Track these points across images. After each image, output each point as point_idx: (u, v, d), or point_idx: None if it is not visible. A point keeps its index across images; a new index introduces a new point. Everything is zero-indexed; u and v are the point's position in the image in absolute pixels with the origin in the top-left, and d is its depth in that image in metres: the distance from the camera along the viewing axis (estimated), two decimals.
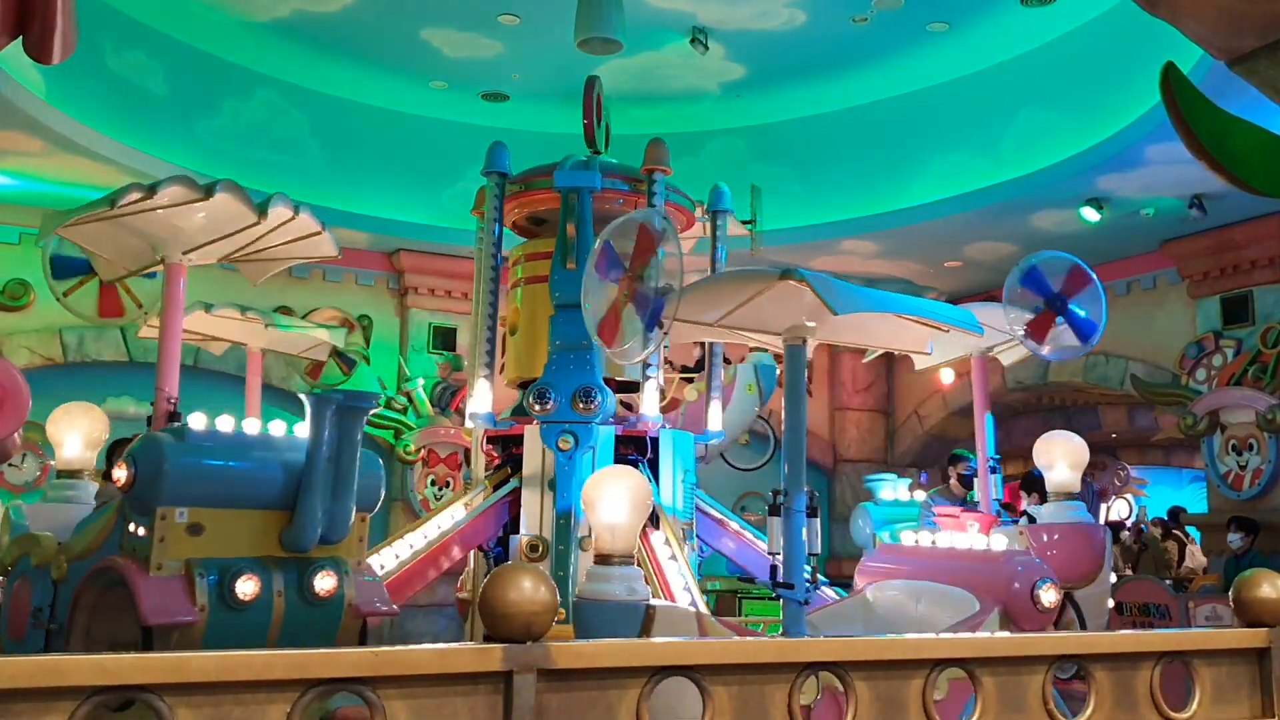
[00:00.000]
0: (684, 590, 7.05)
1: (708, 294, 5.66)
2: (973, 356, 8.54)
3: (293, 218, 7.26)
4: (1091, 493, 17.03)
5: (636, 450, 7.83)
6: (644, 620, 5.14)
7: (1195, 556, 13.45)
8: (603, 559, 5.44)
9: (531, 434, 7.78)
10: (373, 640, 5.04)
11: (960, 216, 12.92)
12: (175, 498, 4.51)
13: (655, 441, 7.89)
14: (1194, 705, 3.53)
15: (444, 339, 14.52)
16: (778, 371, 11.20)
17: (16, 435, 4.07)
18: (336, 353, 11.57)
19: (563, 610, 4.68)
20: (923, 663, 3.20)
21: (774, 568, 5.45)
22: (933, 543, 6.48)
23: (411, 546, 7.79)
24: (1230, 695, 3.59)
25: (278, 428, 5.09)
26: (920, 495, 10.03)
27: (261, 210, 7.06)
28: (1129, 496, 18.07)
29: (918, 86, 12.89)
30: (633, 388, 8.70)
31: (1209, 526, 13.19)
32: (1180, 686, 3.59)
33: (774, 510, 5.43)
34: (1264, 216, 12.18)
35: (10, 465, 12.19)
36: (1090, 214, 12.28)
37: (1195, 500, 17.92)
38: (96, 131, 11.15)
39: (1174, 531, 13.64)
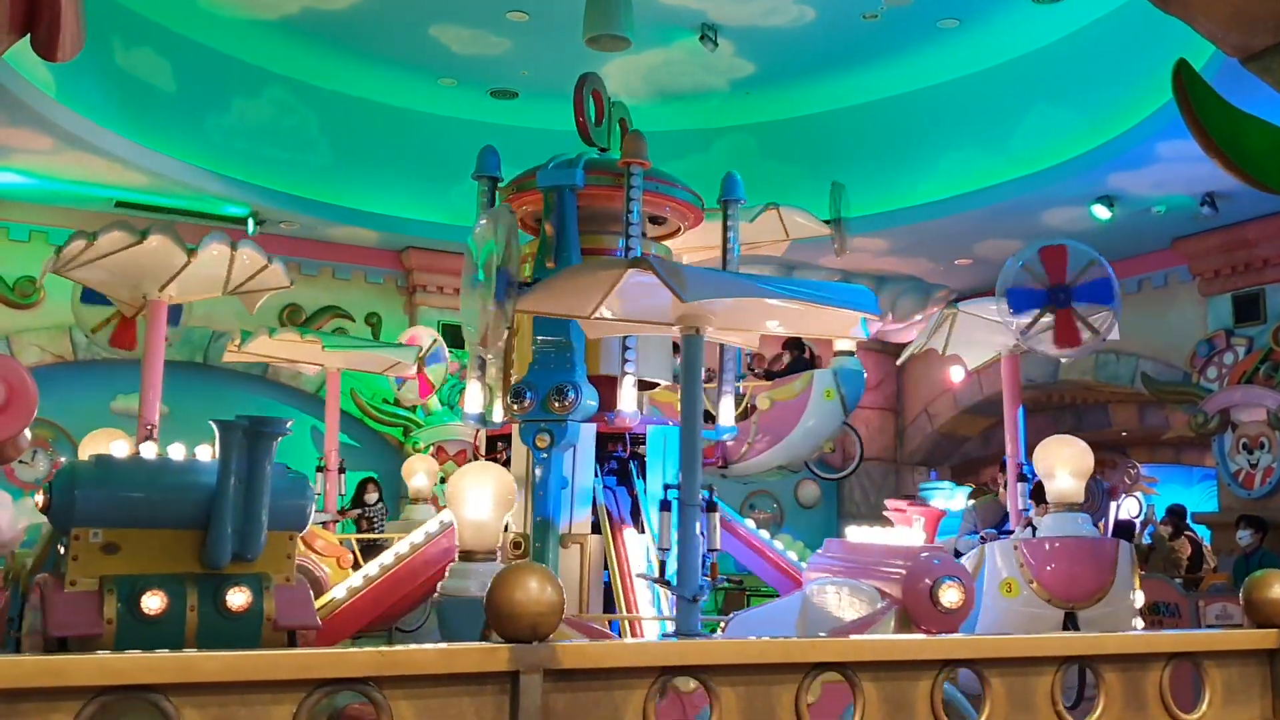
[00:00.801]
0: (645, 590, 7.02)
1: (565, 288, 5.56)
2: (1002, 355, 8.53)
3: (231, 254, 7.71)
4: (1102, 491, 16.98)
5: (623, 447, 7.79)
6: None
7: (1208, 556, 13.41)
8: (465, 555, 5.70)
9: (518, 433, 7.82)
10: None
11: (971, 214, 12.90)
12: (88, 520, 4.82)
13: (640, 438, 7.80)
14: (1204, 706, 3.50)
15: (452, 336, 14.51)
16: (865, 376, 10.88)
17: (26, 433, 4.08)
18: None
19: None
20: (931, 663, 3.19)
21: (662, 563, 5.51)
22: (877, 539, 6.37)
23: (380, 565, 7.78)
24: (1241, 696, 3.57)
25: (202, 452, 5.39)
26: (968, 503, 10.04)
27: (191, 251, 7.64)
28: (1139, 495, 18.00)
29: (928, 83, 12.86)
30: (648, 386, 8.65)
31: (1219, 525, 13.15)
32: (1190, 687, 3.57)
33: (664, 505, 5.49)
34: (1276, 214, 12.14)
35: (21, 462, 12.22)
36: (1101, 212, 12.25)
37: (1206, 499, 17.86)
38: (106, 129, 11.18)
39: (1186, 531, 13.58)
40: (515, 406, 7.74)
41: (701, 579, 5.30)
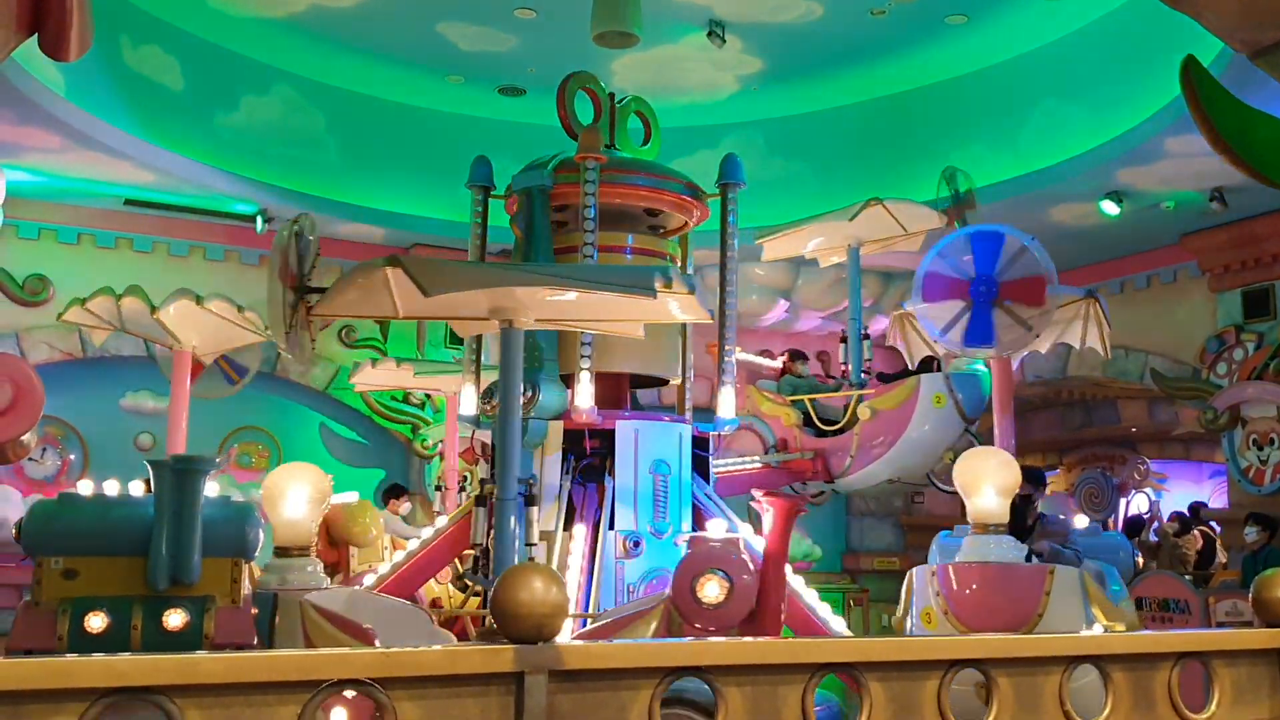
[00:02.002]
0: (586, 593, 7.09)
1: (349, 290, 5.52)
2: (993, 358, 8.40)
3: (198, 306, 8.58)
4: (1111, 487, 16.97)
5: (600, 444, 7.80)
6: (270, 608, 5.69)
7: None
8: (282, 551, 6.06)
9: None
10: None
11: (979, 210, 12.85)
12: (49, 549, 5.58)
13: (611, 435, 7.79)
14: (1213, 706, 3.49)
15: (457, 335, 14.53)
16: (987, 378, 9.88)
17: (31, 433, 4.09)
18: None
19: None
20: (937, 663, 3.18)
21: (476, 558, 5.63)
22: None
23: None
24: (1250, 696, 3.56)
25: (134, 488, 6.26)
26: None
27: (155, 308, 8.67)
28: (1148, 491, 17.96)
29: (936, 79, 12.83)
30: (658, 382, 8.64)
31: (1229, 522, 13.11)
32: (1199, 687, 3.55)
33: (479, 500, 5.58)
34: None
35: (31, 460, 12.25)
36: (1110, 207, 12.20)
37: (1216, 495, 17.81)
38: (115, 127, 11.19)
39: (1199, 527, 13.53)
40: (485, 406, 7.92)
41: None
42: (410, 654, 2.75)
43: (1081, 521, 9.49)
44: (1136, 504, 17.65)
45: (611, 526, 7.38)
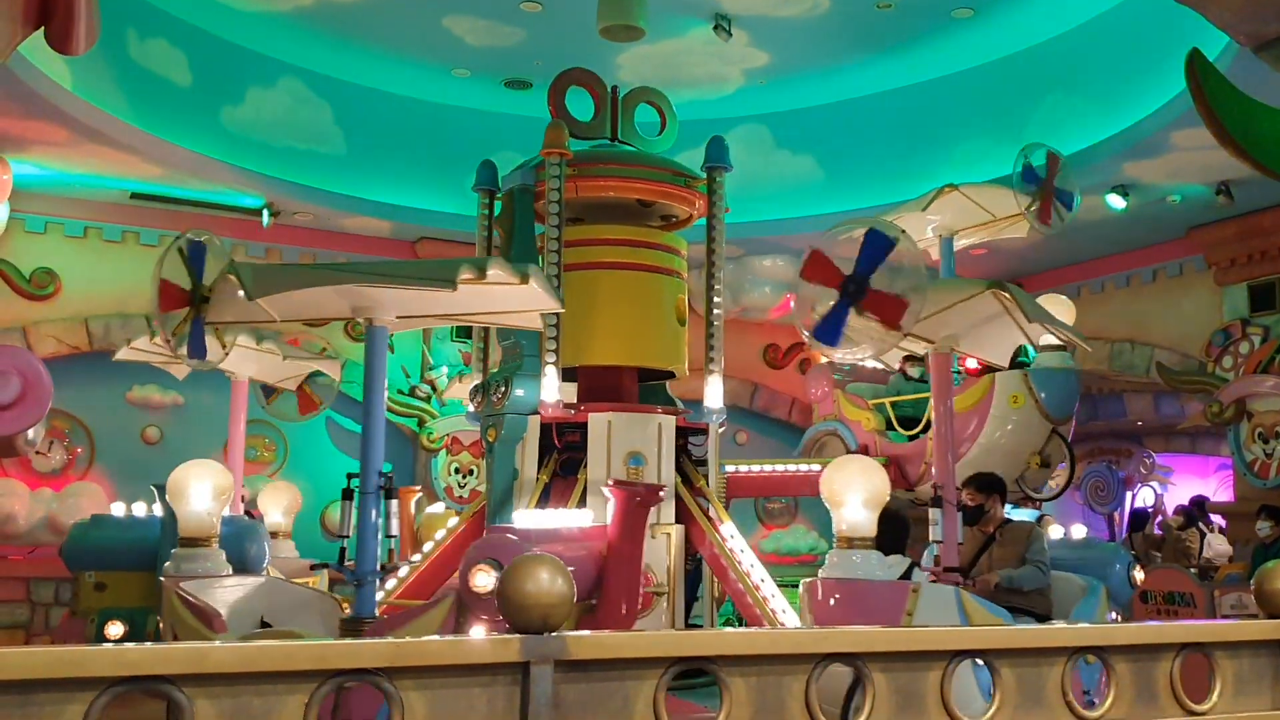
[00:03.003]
0: None
1: (226, 298, 5.90)
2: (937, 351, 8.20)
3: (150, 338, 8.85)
4: (1117, 480, 16.95)
5: (579, 437, 7.86)
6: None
7: (1213, 546, 13.35)
8: (188, 542, 6.35)
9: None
10: None
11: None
12: (82, 565, 6.48)
13: (581, 427, 7.83)
14: (1215, 697, 3.50)
15: (467, 329, 14.53)
16: (1074, 376, 9.28)
17: (38, 426, 4.11)
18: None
19: None
20: (941, 654, 3.19)
21: (342, 550, 5.80)
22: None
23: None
24: (1252, 687, 3.57)
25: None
26: None
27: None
28: (1154, 485, 17.95)
29: (942, 73, 12.81)
30: (665, 375, 8.66)
31: (1235, 515, 13.10)
32: (1201, 678, 3.56)
33: (346, 494, 5.76)
34: None
35: (38, 453, 12.29)
36: (1116, 201, 12.19)
37: (1222, 488, 17.79)
38: (121, 121, 11.21)
39: (1197, 521, 13.53)
40: (471, 405, 8.10)
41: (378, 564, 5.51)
42: (418, 644, 2.77)
43: (1079, 532, 9.05)
44: (1142, 497, 17.64)
45: None
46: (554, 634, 2.81)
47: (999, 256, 14.72)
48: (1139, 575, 7.22)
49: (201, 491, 6.43)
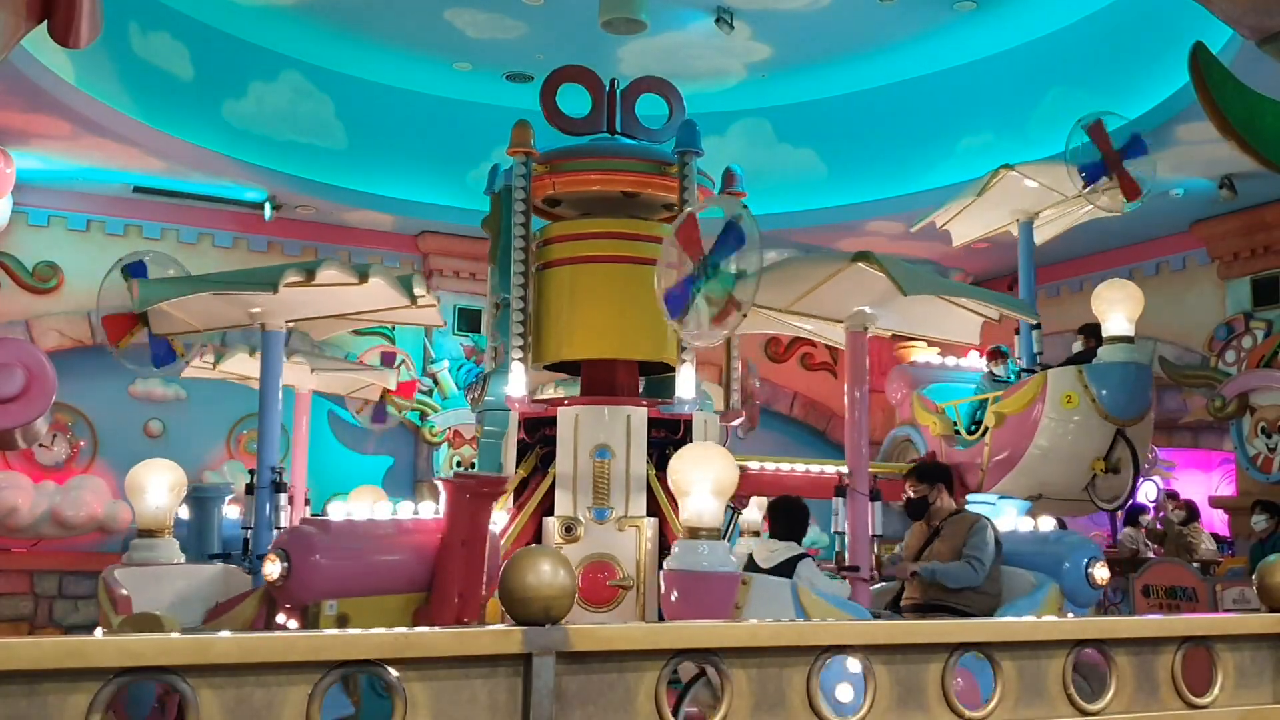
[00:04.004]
0: None
1: (160, 311, 6.43)
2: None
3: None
4: None
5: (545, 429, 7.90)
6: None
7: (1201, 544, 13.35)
8: (145, 533, 6.71)
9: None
10: None
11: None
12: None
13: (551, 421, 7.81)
14: (1216, 690, 3.51)
15: (469, 321, 14.53)
16: (1137, 371, 8.36)
17: (42, 419, 4.11)
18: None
19: None
20: (942, 646, 3.20)
21: (245, 540, 6.19)
22: None
23: None
24: (1253, 681, 3.57)
25: None
26: None
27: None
28: (1156, 479, 17.95)
29: (945, 66, 12.79)
30: (663, 368, 8.64)
31: (1237, 509, 13.10)
32: (1202, 672, 3.57)
33: (249, 489, 6.13)
34: None
35: (40, 446, 12.31)
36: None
37: (1224, 483, 17.79)
38: (124, 114, 11.22)
39: (1199, 517, 13.54)
40: (470, 396, 8.23)
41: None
42: (419, 635, 2.78)
43: (1046, 524, 8.86)
44: (1144, 491, 17.65)
45: (551, 512, 7.44)
46: (555, 625, 2.81)
47: (1004, 250, 14.71)
48: (1100, 573, 6.63)
49: (158, 487, 6.81)
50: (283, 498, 6.30)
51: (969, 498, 9.36)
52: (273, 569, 5.08)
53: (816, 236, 14.29)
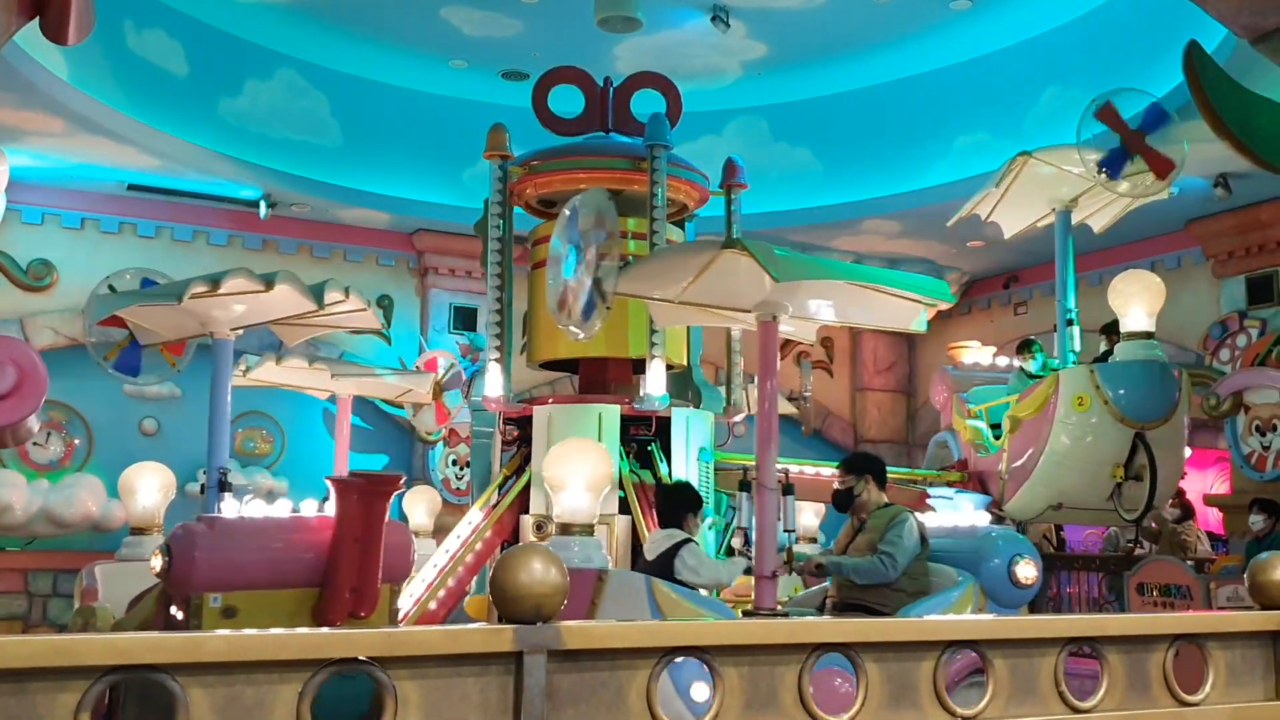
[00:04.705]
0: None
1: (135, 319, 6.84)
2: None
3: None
4: None
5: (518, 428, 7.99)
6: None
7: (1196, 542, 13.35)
8: (136, 530, 7.05)
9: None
10: None
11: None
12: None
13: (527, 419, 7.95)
14: (1207, 688, 3.51)
15: (465, 319, 14.54)
16: (1158, 369, 7.84)
17: (34, 417, 4.11)
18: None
19: None
20: (934, 644, 3.20)
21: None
22: None
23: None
24: (1244, 678, 3.58)
25: None
26: None
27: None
28: None
29: (940, 65, 12.80)
30: (672, 368, 8.65)
31: (1231, 508, 13.11)
32: (1195, 670, 3.57)
33: (203, 489, 6.51)
34: None
35: (35, 444, 12.29)
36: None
37: (1218, 481, 17.80)
38: (118, 112, 11.20)
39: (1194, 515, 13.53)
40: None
41: None
42: (411, 634, 2.78)
43: (981, 519, 8.21)
44: None
45: (526, 510, 7.47)
46: (547, 624, 2.81)
47: (1000, 250, 14.72)
48: (1023, 572, 6.27)
49: (149, 488, 7.18)
50: (228, 496, 6.69)
51: (1006, 509, 8.81)
52: (156, 563, 5.21)
53: (812, 235, 14.30)
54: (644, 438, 7.76)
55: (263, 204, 13.14)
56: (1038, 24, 11.80)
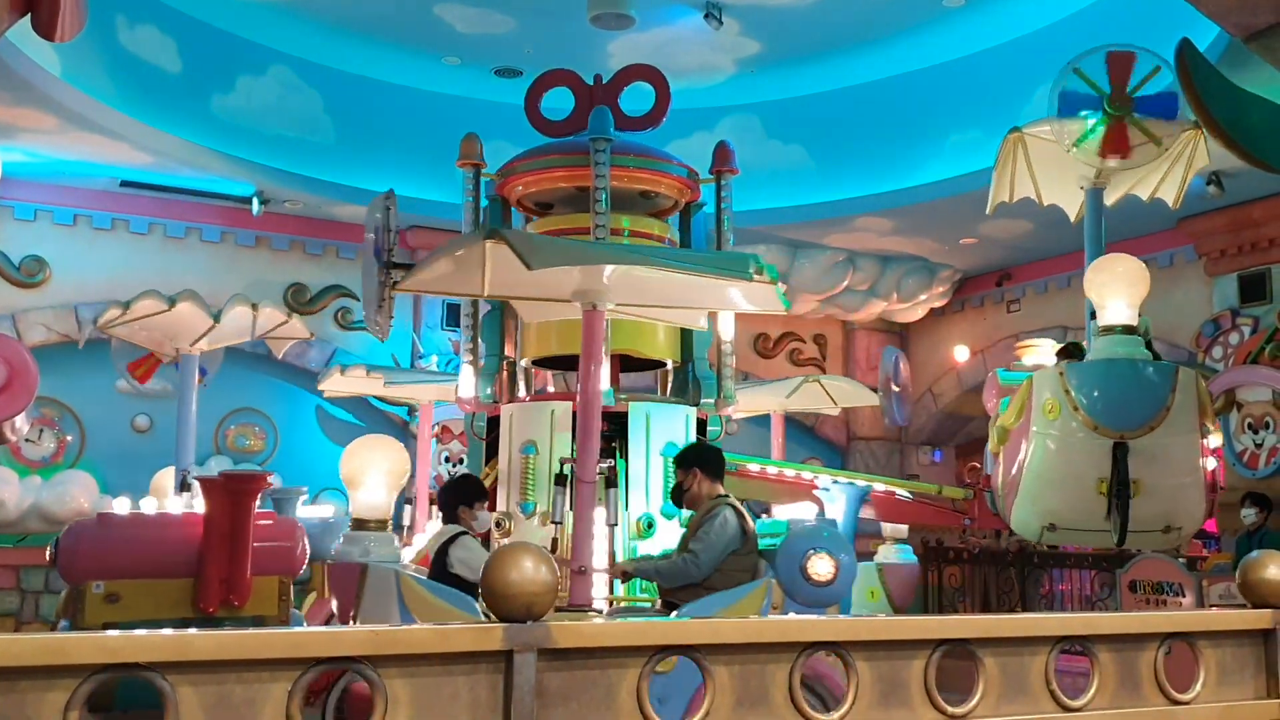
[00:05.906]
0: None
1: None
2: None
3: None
4: None
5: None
6: None
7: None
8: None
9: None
10: None
11: (976, 193, 12.76)
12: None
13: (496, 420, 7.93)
14: (1198, 686, 3.51)
15: (457, 317, 14.52)
16: (1135, 370, 6.84)
17: (21, 416, 4.11)
18: None
19: None
20: (925, 643, 3.20)
21: None
22: None
23: None
24: (1235, 677, 3.58)
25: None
26: None
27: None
28: None
29: (934, 62, 12.82)
30: (656, 364, 8.60)
31: (1223, 505, 13.13)
32: (1186, 668, 3.57)
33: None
34: None
35: (28, 440, 12.27)
36: None
37: None
38: (110, 108, 11.19)
39: None
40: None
41: None
42: (400, 632, 2.77)
43: (808, 511, 8.09)
44: None
45: (493, 507, 7.51)
46: (537, 622, 2.81)
47: (993, 247, 14.75)
48: (817, 567, 5.91)
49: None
50: (189, 496, 6.86)
51: (1015, 527, 8.11)
52: (48, 555, 5.68)
53: (805, 232, 14.32)
54: (604, 434, 7.72)
55: (255, 200, 13.12)
56: (1030, 21, 11.82)
